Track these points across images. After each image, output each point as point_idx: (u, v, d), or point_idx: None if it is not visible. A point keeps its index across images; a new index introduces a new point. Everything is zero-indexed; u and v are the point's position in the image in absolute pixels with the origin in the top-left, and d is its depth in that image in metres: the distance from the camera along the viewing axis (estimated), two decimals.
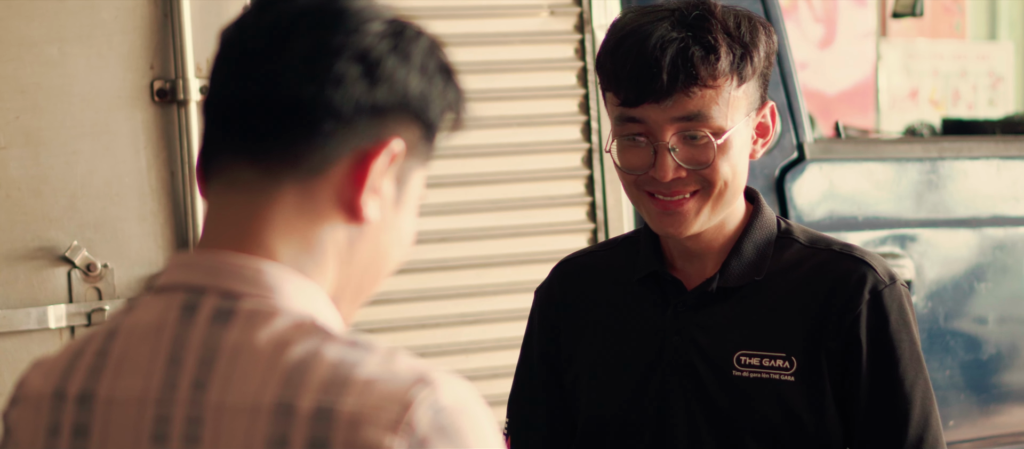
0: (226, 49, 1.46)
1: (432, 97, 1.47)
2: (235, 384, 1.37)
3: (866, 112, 9.03)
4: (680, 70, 2.11)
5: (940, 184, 4.63)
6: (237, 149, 1.43)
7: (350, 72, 1.40)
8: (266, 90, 1.41)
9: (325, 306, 1.45)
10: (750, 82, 2.18)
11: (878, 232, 4.53)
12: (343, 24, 1.42)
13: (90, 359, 1.46)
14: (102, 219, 3.51)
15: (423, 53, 1.46)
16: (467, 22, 3.95)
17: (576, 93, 4.02)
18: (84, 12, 3.47)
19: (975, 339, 4.73)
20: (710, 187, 2.18)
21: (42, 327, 3.46)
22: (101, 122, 3.49)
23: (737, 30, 2.17)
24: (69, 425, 1.44)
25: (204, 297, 1.42)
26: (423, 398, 1.34)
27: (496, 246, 3.97)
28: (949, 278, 4.66)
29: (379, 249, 1.48)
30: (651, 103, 2.14)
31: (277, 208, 1.42)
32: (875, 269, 2.23)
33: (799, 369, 2.22)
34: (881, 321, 2.22)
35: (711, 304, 2.27)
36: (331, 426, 1.33)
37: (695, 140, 2.16)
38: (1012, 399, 4.81)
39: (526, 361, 2.48)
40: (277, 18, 1.43)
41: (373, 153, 1.42)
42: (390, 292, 3.86)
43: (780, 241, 2.29)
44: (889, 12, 7.18)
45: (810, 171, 4.39)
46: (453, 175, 3.93)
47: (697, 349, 2.26)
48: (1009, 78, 9.99)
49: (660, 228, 2.22)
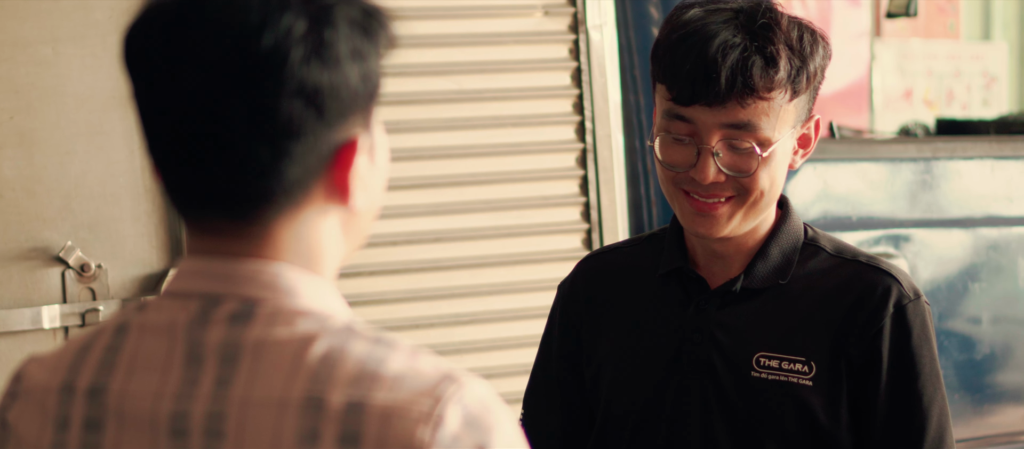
0: (152, 102, 1.41)
1: (372, 70, 1.44)
2: (260, 379, 1.38)
3: (860, 112, 9.02)
4: (738, 78, 2.11)
5: (934, 184, 4.63)
6: (211, 209, 1.43)
7: (295, 112, 1.38)
8: (225, 162, 1.38)
9: (340, 303, 1.47)
10: (802, 96, 2.19)
11: (872, 232, 4.53)
12: (269, 67, 1.37)
13: (100, 354, 1.45)
14: (96, 219, 3.50)
15: (348, 38, 1.41)
16: (461, 22, 3.94)
17: (570, 93, 4.01)
18: (78, 12, 3.47)
19: (969, 339, 4.73)
20: (746, 195, 2.18)
21: (36, 327, 3.45)
22: (95, 122, 3.49)
23: (799, 43, 2.16)
24: (80, 418, 1.44)
25: (222, 302, 1.42)
26: (452, 393, 1.37)
27: (490, 246, 3.97)
28: (943, 278, 4.66)
29: (367, 210, 1.50)
30: (703, 106, 2.14)
31: (274, 238, 1.43)
32: (900, 283, 2.24)
33: (818, 375, 2.22)
34: (904, 335, 2.22)
35: (734, 304, 2.27)
36: (363, 419, 1.35)
37: (740, 148, 2.16)
38: (1006, 399, 4.81)
39: (545, 355, 2.48)
40: (197, 72, 1.37)
41: (346, 157, 1.43)
42: (384, 292, 3.86)
43: (806, 247, 2.30)
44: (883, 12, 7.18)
45: (805, 171, 4.39)
46: (447, 175, 3.92)
47: (717, 348, 2.26)
48: (1003, 78, 9.99)
49: (691, 227, 2.22)
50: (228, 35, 1.37)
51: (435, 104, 3.91)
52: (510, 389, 3.79)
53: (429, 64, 3.90)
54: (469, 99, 3.94)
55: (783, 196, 2.32)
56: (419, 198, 3.90)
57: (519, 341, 3.93)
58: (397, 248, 3.87)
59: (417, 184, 3.89)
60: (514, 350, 3.94)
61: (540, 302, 3.85)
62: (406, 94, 3.87)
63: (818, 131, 2.27)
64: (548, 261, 3.98)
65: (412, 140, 3.88)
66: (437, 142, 3.91)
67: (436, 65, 3.91)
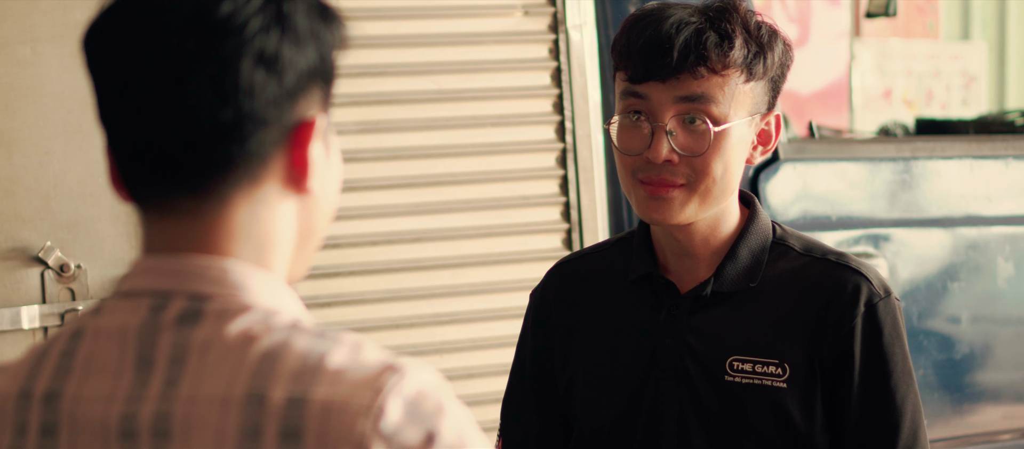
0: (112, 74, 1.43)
1: (327, 54, 1.46)
2: (205, 378, 1.38)
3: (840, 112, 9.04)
4: (691, 51, 2.13)
5: (913, 184, 4.64)
6: (171, 183, 1.43)
7: (256, 77, 1.40)
8: (187, 128, 1.40)
9: (289, 297, 1.47)
10: (759, 82, 2.19)
11: (852, 232, 4.54)
12: (228, 31, 1.40)
13: (55, 359, 1.46)
14: (75, 219, 3.50)
15: (304, 16, 1.44)
16: (441, 22, 3.94)
17: (550, 93, 4.02)
18: (57, 12, 3.47)
19: (948, 338, 4.74)
20: (698, 181, 2.18)
21: (15, 328, 3.45)
22: (74, 122, 3.48)
23: (757, 30, 2.19)
24: (36, 424, 1.44)
25: (171, 300, 1.42)
26: (393, 384, 1.36)
27: (470, 246, 3.97)
28: (922, 278, 4.67)
29: (322, 203, 1.50)
30: (656, 81, 2.15)
31: (228, 219, 1.44)
32: (871, 281, 2.24)
33: (792, 376, 2.22)
34: (875, 334, 2.22)
35: (705, 308, 2.27)
36: (304, 415, 1.35)
37: (693, 124, 2.16)
38: (985, 398, 4.83)
39: (519, 364, 2.48)
40: (159, 40, 1.40)
41: (304, 135, 1.44)
42: (364, 292, 3.86)
43: (775, 247, 2.30)
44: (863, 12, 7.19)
45: (784, 171, 4.40)
46: (427, 175, 3.92)
47: (690, 353, 2.26)
48: (982, 78, 10.02)
49: (646, 214, 2.22)
50: (188, 5, 1.40)
51: (415, 104, 3.90)
52: (492, 389, 3.80)
53: (409, 64, 3.90)
54: (449, 99, 3.94)
55: (750, 195, 2.33)
56: (399, 198, 3.90)
57: (500, 341, 3.93)
58: (377, 248, 3.87)
59: (397, 184, 3.89)
60: (495, 350, 3.94)
61: (520, 302, 3.82)
62: (386, 94, 3.87)
63: (779, 128, 2.26)
64: (528, 261, 3.98)
65: (392, 140, 3.88)
66: (417, 142, 3.91)
67: (416, 65, 3.91)
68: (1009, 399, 4.87)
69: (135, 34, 1.40)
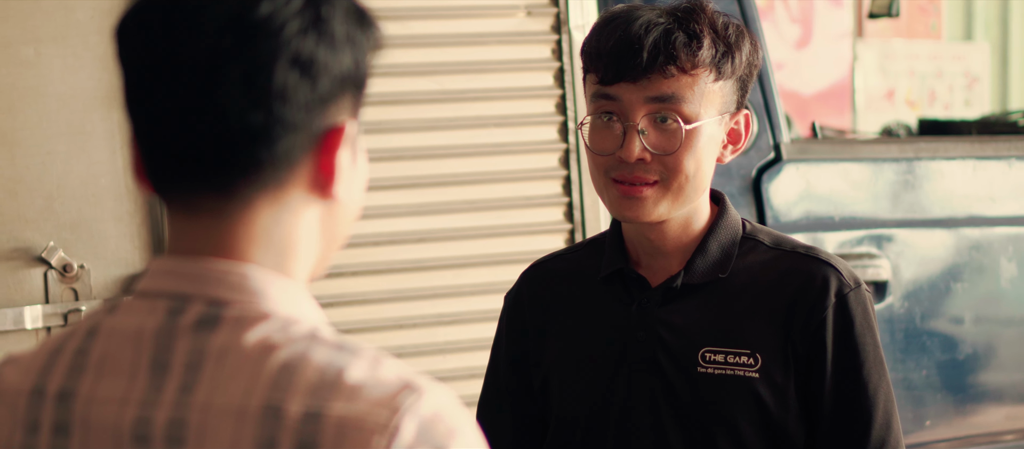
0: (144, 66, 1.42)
1: (362, 60, 1.45)
2: (222, 386, 1.37)
3: (842, 112, 9.04)
4: (660, 51, 2.16)
5: (916, 184, 4.64)
6: (196, 181, 1.42)
7: (289, 81, 1.39)
8: (216, 128, 1.39)
9: (310, 306, 1.46)
10: (728, 81, 2.22)
11: (855, 232, 4.53)
12: (265, 33, 1.39)
13: (70, 357, 1.45)
14: (78, 220, 3.50)
15: (342, 21, 1.43)
16: (444, 22, 3.94)
17: (553, 94, 4.02)
18: (59, 12, 3.47)
19: (951, 339, 4.74)
20: (671, 178, 2.20)
21: (18, 328, 3.45)
22: (77, 122, 3.49)
23: (724, 30, 2.21)
24: (49, 422, 1.44)
25: (189, 304, 1.42)
26: (410, 404, 1.35)
27: (473, 247, 3.97)
28: (925, 278, 4.67)
29: (346, 210, 1.49)
30: (627, 82, 2.17)
31: (251, 222, 1.43)
32: (840, 272, 2.26)
33: (764, 366, 2.24)
34: (846, 325, 2.24)
35: (676, 301, 2.29)
36: (320, 429, 1.34)
37: (664, 123, 2.18)
38: (988, 399, 4.82)
39: (494, 366, 2.50)
40: (194, 37, 1.39)
41: (333, 141, 1.43)
42: (367, 293, 3.86)
43: (745, 241, 2.32)
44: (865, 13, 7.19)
45: (787, 171, 4.40)
46: (430, 176, 3.92)
47: (662, 345, 2.28)
48: (985, 78, 10.02)
49: (620, 213, 2.25)
50: (226, 4, 1.38)
51: (418, 104, 3.91)
52: None
53: (412, 64, 3.90)
54: (452, 99, 3.94)
55: (720, 193, 2.35)
56: (402, 198, 3.90)
57: None
58: (380, 248, 3.87)
59: (400, 184, 3.89)
60: None
61: None
62: (389, 94, 3.87)
63: (749, 127, 2.29)
64: (531, 261, 3.98)
65: (395, 140, 3.88)
66: (420, 142, 3.91)
67: (419, 65, 3.91)
68: (1012, 400, 4.87)
69: (171, 28, 1.39)
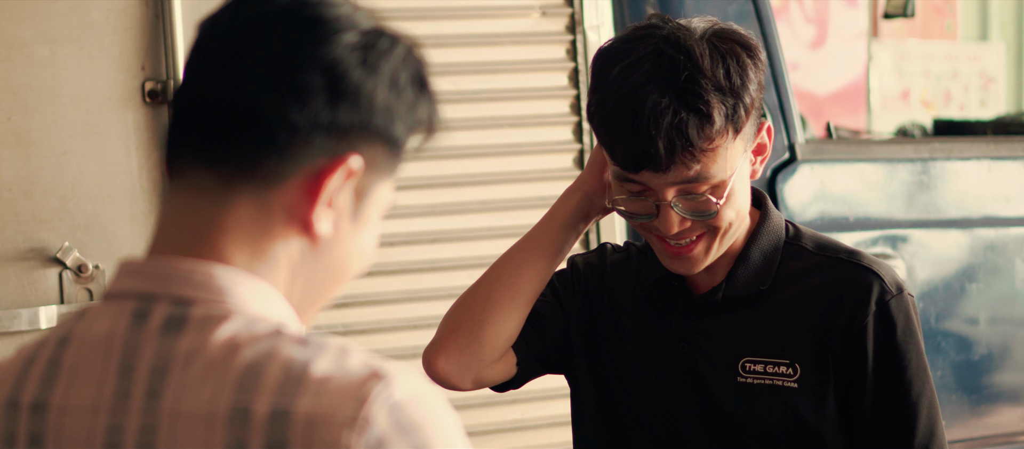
0: (198, 43, 1.43)
1: (399, 112, 1.45)
2: (189, 391, 1.35)
3: (857, 113, 9.03)
4: (676, 143, 2.07)
5: (931, 185, 4.63)
6: (196, 151, 1.42)
7: (313, 85, 1.38)
8: (226, 94, 1.39)
9: (279, 305, 1.43)
10: (746, 126, 2.15)
11: (869, 233, 4.53)
12: (315, 32, 1.39)
13: (42, 367, 1.43)
14: (93, 220, 3.50)
15: (395, 65, 1.43)
16: (458, 23, 3.94)
17: (567, 94, 4.01)
18: (74, 13, 3.47)
19: (967, 340, 4.73)
20: (716, 230, 2.18)
21: (33, 328, 3.45)
22: (92, 123, 3.49)
23: (727, 80, 2.10)
24: (24, 434, 1.42)
25: (155, 304, 1.40)
26: (378, 393, 1.33)
27: (488, 247, 3.96)
28: (940, 279, 4.66)
29: (334, 262, 1.46)
30: (649, 171, 2.11)
31: (232, 216, 1.41)
32: (883, 278, 2.23)
33: (803, 376, 2.22)
34: (888, 332, 2.21)
35: (717, 312, 2.27)
36: (288, 428, 1.32)
37: (698, 195, 2.14)
38: (1004, 399, 4.81)
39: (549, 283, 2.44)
40: (251, 18, 1.40)
41: (329, 170, 1.40)
42: (380, 293, 3.86)
43: (788, 247, 2.29)
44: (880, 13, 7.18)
45: (801, 172, 4.39)
46: (444, 176, 3.92)
47: (702, 356, 2.27)
48: (1000, 79, 10.00)
49: (671, 268, 2.23)
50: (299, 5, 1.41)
51: None
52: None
53: None
54: (466, 100, 3.94)
55: (762, 194, 2.31)
56: (416, 198, 3.89)
57: None
58: (395, 249, 3.86)
59: (414, 184, 3.88)
60: None
61: None
62: None
63: (772, 136, 2.23)
64: None
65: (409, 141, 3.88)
66: (434, 142, 3.90)
67: (433, 66, 3.90)
68: None
69: (241, 13, 1.41)
